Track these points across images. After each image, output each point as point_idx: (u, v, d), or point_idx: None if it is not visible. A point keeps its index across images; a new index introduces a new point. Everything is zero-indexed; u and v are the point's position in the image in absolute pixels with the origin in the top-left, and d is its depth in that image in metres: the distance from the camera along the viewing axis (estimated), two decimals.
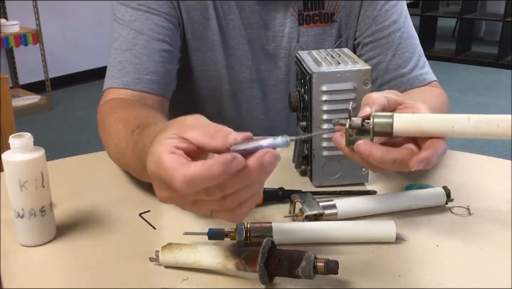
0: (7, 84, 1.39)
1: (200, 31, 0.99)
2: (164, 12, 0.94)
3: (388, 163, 0.62)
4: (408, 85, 0.98)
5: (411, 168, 0.61)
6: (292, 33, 1.00)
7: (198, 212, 0.55)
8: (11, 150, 0.65)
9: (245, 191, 0.52)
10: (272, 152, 0.50)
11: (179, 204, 0.55)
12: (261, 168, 0.50)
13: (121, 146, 0.76)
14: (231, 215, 0.54)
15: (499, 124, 0.59)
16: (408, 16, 1.02)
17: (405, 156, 0.62)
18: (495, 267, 0.63)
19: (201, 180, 0.49)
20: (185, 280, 0.61)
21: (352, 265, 0.63)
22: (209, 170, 0.48)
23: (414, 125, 0.62)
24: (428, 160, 0.60)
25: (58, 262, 0.66)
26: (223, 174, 0.48)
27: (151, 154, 0.54)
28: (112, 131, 0.80)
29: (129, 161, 0.75)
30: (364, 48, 1.00)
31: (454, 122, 0.61)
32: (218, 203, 0.52)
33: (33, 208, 0.67)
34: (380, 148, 0.62)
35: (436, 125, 0.61)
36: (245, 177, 0.50)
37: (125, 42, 0.93)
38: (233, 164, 0.48)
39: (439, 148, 0.61)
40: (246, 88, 1.04)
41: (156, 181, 0.54)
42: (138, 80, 0.91)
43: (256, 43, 1.01)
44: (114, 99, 0.89)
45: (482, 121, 0.60)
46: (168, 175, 0.50)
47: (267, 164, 0.50)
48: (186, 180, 0.49)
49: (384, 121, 0.62)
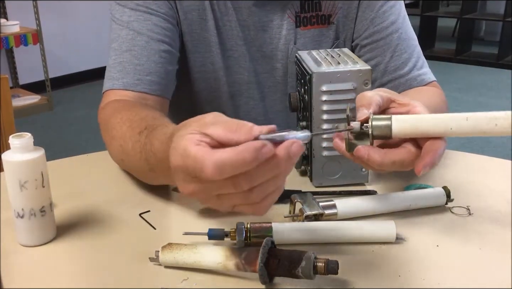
0: (7, 84, 1.39)
1: (197, 32, 0.99)
2: (163, 12, 0.94)
3: (387, 165, 0.63)
4: (407, 86, 0.98)
5: (418, 173, 0.62)
6: (289, 35, 0.99)
7: (220, 206, 0.55)
8: (11, 150, 0.65)
9: (271, 183, 0.52)
10: (298, 142, 0.51)
11: (203, 198, 0.55)
12: (288, 157, 0.50)
13: (126, 148, 0.76)
14: (254, 209, 0.54)
15: (498, 124, 0.59)
16: (406, 17, 1.01)
17: (404, 157, 0.63)
18: (495, 267, 0.63)
19: (231, 165, 0.49)
20: (185, 280, 0.61)
21: (352, 265, 0.63)
22: (240, 155, 0.48)
23: (412, 127, 0.62)
24: (432, 163, 0.61)
25: (58, 262, 0.66)
26: (254, 160, 0.48)
27: (174, 149, 0.54)
28: (116, 133, 0.79)
29: (134, 162, 0.74)
30: (362, 49, 1.00)
31: (453, 123, 0.61)
32: (244, 196, 0.52)
33: (33, 208, 0.67)
34: (378, 151, 0.63)
35: (435, 127, 0.62)
36: (274, 167, 0.50)
37: (124, 43, 0.92)
38: (263, 151, 0.49)
39: (440, 149, 0.62)
40: (244, 89, 1.04)
41: (180, 175, 0.54)
42: (138, 81, 0.90)
43: (254, 45, 1.01)
44: (116, 101, 0.88)
45: (480, 120, 0.60)
46: (198, 164, 0.50)
47: (294, 154, 0.51)
48: (217, 166, 0.49)
49: (382, 125, 0.62)
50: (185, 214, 0.76)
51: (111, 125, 0.81)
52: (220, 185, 0.51)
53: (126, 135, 0.76)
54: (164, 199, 0.80)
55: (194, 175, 0.52)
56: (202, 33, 0.99)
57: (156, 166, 0.67)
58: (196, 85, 1.03)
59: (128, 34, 0.92)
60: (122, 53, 0.92)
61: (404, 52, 0.98)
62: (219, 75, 1.02)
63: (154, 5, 0.93)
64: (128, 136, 0.76)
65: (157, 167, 0.67)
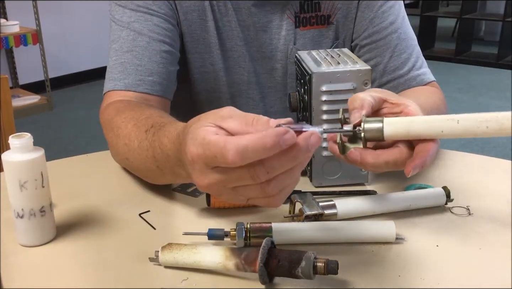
0: (7, 85, 1.39)
1: (197, 33, 0.99)
2: (163, 13, 0.94)
3: (381, 166, 0.63)
4: (406, 86, 0.98)
5: (407, 174, 0.62)
6: (288, 36, 1.00)
7: (235, 199, 0.55)
8: (11, 150, 0.65)
9: (288, 176, 0.52)
10: (317, 134, 0.51)
11: (219, 191, 0.54)
12: (307, 148, 0.51)
13: (132, 146, 0.76)
14: (269, 201, 0.54)
15: (488, 126, 0.59)
16: (406, 17, 1.01)
17: (396, 157, 0.63)
18: (494, 267, 0.63)
19: (253, 150, 0.48)
20: (185, 280, 0.61)
21: (352, 265, 0.63)
22: (262, 140, 0.48)
23: (404, 130, 0.62)
24: (422, 164, 0.62)
25: (58, 262, 0.66)
26: (276, 146, 0.48)
27: (192, 139, 0.53)
28: (121, 132, 0.79)
29: (140, 160, 0.74)
30: (361, 50, 1.00)
31: (444, 126, 0.61)
32: (261, 188, 0.52)
33: (33, 208, 0.67)
34: (371, 153, 0.63)
35: (426, 129, 0.62)
36: (292, 158, 0.50)
37: (125, 44, 0.92)
38: (285, 137, 0.49)
39: (431, 150, 0.62)
40: (244, 90, 1.04)
41: (197, 167, 0.54)
42: (140, 82, 0.90)
43: (253, 45, 1.01)
44: (118, 102, 0.88)
45: (471, 123, 0.60)
46: (219, 150, 0.50)
47: (313, 145, 0.51)
48: (239, 150, 0.48)
49: (374, 128, 0.62)
50: (185, 214, 0.76)
51: (115, 125, 0.81)
52: (238, 176, 0.51)
53: (132, 134, 0.76)
54: (164, 199, 0.80)
55: (213, 164, 0.51)
56: (202, 33, 0.99)
57: (164, 163, 0.67)
58: (195, 85, 1.03)
59: (129, 35, 0.92)
60: (123, 54, 0.92)
61: (403, 52, 0.98)
62: (219, 75, 1.02)
63: (155, 6, 0.93)
64: (134, 135, 0.75)
65: (165, 164, 0.67)
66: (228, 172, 0.51)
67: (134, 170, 0.82)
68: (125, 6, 0.93)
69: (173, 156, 0.64)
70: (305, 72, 0.79)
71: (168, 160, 0.66)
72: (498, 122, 0.59)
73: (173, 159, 0.64)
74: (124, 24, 0.93)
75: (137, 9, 0.93)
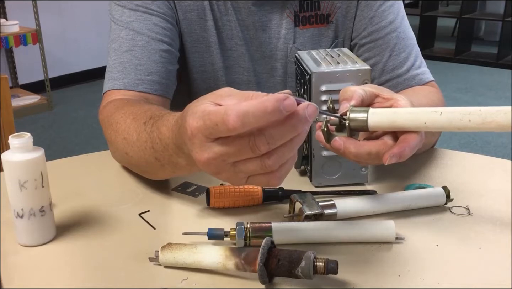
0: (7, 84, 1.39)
1: (197, 32, 0.99)
2: (162, 12, 0.94)
3: (363, 156, 0.64)
4: (405, 86, 0.98)
5: (384, 162, 0.62)
6: (288, 35, 1.00)
7: (235, 177, 0.55)
8: (10, 149, 0.65)
9: (287, 149, 0.53)
10: (313, 104, 0.52)
11: (218, 167, 0.54)
12: (305, 117, 0.51)
13: (130, 139, 0.76)
14: (269, 178, 0.54)
15: (471, 119, 0.59)
16: (405, 16, 1.01)
17: (379, 148, 0.63)
18: (494, 267, 0.63)
19: (254, 114, 0.49)
20: (185, 280, 0.61)
21: (351, 265, 0.63)
22: (263, 105, 0.49)
23: (388, 120, 0.63)
24: (400, 153, 0.62)
25: (58, 262, 0.66)
26: (276, 111, 0.49)
27: (192, 114, 0.54)
28: (120, 126, 0.79)
29: (139, 153, 0.74)
30: (360, 49, 1.00)
31: (427, 118, 0.62)
32: (260, 162, 0.52)
33: (33, 208, 0.67)
34: (354, 142, 0.64)
35: (409, 121, 0.62)
36: (292, 127, 0.51)
37: (124, 43, 0.92)
38: (286, 102, 0.49)
39: (412, 141, 0.63)
40: (243, 89, 1.03)
41: (197, 141, 0.54)
42: (139, 81, 0.90)
43: (253, 44, 1.01)
44: (117, 100, 0.88)
45: (454, 115, 0.60)
46: (220, 116, 0.50)
47: (310, 115, 0.52)
48: (239, 114, 0.49)
49: (359, 117, 0.64)
50: (185, 214, 0.76)
51: (114, 120, 0.81)
52: (238, 148, 0.52)
53: (131, 127, 0.76)
54: (164, 199, 0.80)
55: (213, 134, 0.52)
56: (201, 33, 0.99)
57: (162, 153, 0.67)
58: (195, 85, 1.03)
59: (128, 35, 0.92)
60: (123, 54, 0.92)
61: (402, 52, 0.98)
62: (219, 75, 1.02)
63: (154, 5, 0.93)
64: (133, 128, 0.76)
65: (163, 154, 0.67)
66: (228, 143, 0.52)
67: (133, 164, 0.82)
68: (125, 6, 0.94)
69: (171, 144, 0.64)
70: (304, 72, 0.79)
71: (166, 149, 0.66)
72: (481, 116, 0.59)
73: (172, 148, 0.64)
74: (123, 24, 0.93)
75: (136, 9, 0.93)
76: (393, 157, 0.62)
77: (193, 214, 0.76)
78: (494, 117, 0.58)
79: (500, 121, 0.58)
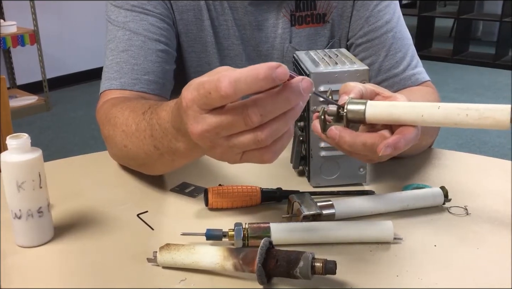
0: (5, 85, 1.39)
1: (193, 32, 0.99)
2: (158, 12, 0.94)
3: (358, 147, 0.63)
4: (401, 85, 0.98)
5: (378, 152, 0.62)
6: (284, 34, 1.00)
7: (228, 153, 0.55)
8: (8, 150, 0.65)
9: (281, 123, 0.53)
10: (307, 79, 0.52)
11: (212, 141, 0.55)
12: (299, 90, 0.51)
13: (129, 131, 0.76)
14: (263, 153, 0.54)
15: (468, 114, 0.59)
16: (401, 16, 1.02)
17: (374, 140, 0.63)
18: (492, 267, 0.63)
19: (246, 81, 0.49)
20: (183, 281, 0.61)
21: (350, 265, 0.63)
22: (255, 71, 0.49)
23: (385, 113, 0.63)
24: (395, 145, 0.62)
25: (56, 263, 0.66)
26: (268, 78, 0.49)
27: (187, 87, 0.54)
28: (118, 120, 0.79)
29: (138, 143, 0.74)
30: (356, 49, 1.00)
31: (424, 110, 0.62)
32: (254, 135, 0.52)
33: (31, 209, 0.67)
34: (350, 132, 0.64)
35: (407, 113, 0.62)
36: (285, 100, 0.51)
37: (121, 43, 0.92)
38: (278, 70, 0.49)
39: (407, 134, 0.62)
40: None
41: (191, 113, 0.54)
42: (136, 81, 0.90)
43: (250, 44, 1.01)
44: (114, 98, 0.88)
45: (451, 110, 0.60)
46: (213, 84, 0.51)
47: (304, 89, 0.52)
48: (232, 81, 0.50)
49: (356, 109, 0.64)
50: (183, 215, 0.76)
51: (112, 115, 0.81)
52: (231, 120, 0.52)
53: (129, 118, 0.76)
54: (162, 200, 0.80)
55: (207, 104, 0.52)
56: (198, 33, 0.99)
57: (161, 139, 0.67)
58: None
59: (124, 35, 0.92)
60: (119, 54, 0.92)
61: (399, 52, 0.98)
62: None
63: (150, 6, 0.94)
64: (131, 119, 0.76)
65: (162, 140, 0.67)
66: (221, 113, 0.52)
67: (131, 158, 0.81)
68: (121, 7, 0.94)
69: (170, 128, 0.64)
70: (303, 72, 0.79)
71: (166, 134, 0.66)
72: (479, 111, 0.59)
73: (171, 132, 0.64)
74: (119, 24, 0.93)
75: (132, 9, 0.93)
76: (387, 147, 0.61)
77: (191, 215, 0.76)
78: (491, 113, 0.58)
79: (498, 118, 0.58)
